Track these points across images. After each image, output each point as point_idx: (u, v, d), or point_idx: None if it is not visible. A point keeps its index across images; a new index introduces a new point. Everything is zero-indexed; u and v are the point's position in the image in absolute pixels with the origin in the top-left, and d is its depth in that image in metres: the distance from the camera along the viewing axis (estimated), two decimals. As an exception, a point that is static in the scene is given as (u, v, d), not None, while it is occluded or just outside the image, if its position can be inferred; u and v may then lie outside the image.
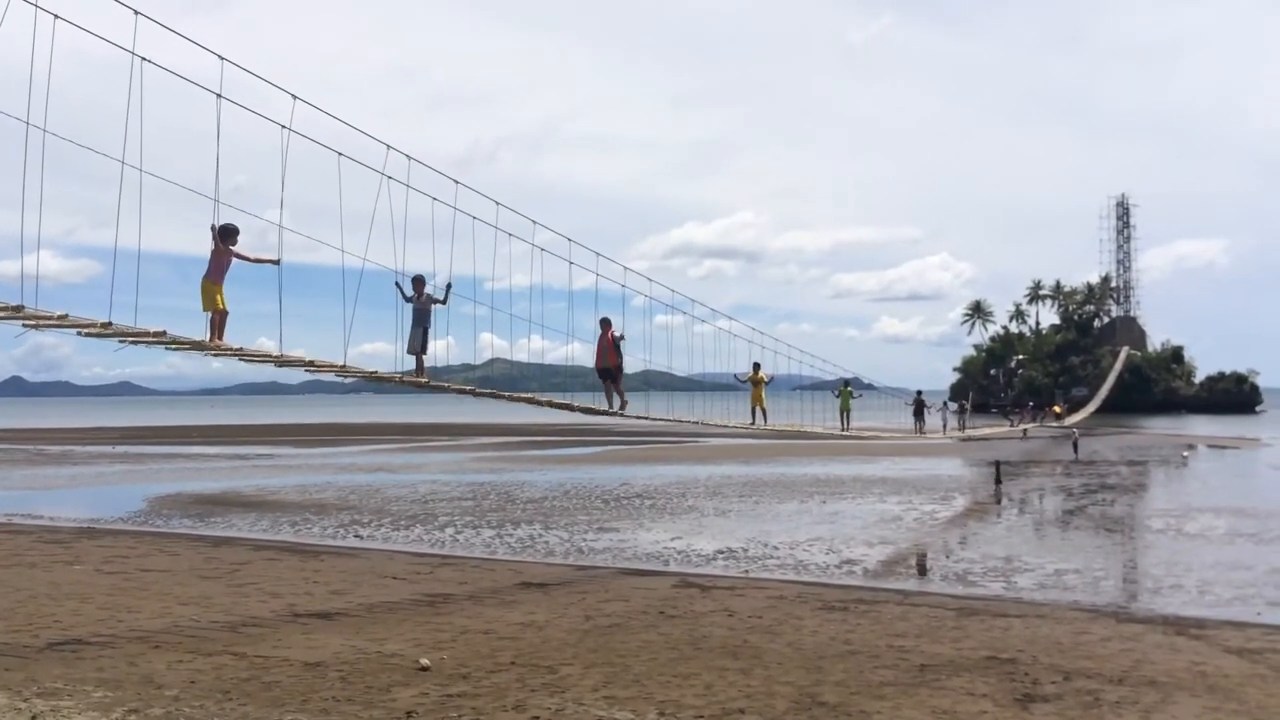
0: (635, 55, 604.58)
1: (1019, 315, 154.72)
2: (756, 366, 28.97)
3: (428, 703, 10.06)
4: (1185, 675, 11.49)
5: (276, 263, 13.35)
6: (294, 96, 12.71)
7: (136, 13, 10.81)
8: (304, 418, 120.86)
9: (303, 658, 11.92)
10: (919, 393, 48.57)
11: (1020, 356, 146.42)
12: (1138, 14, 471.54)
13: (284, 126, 12.63)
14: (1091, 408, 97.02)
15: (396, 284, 16.13)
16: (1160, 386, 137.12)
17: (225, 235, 12.66)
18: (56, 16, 10.22)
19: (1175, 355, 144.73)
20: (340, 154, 13.59)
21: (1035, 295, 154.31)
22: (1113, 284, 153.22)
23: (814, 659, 12.10)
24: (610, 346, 20.67)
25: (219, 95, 11.86)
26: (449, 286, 16.65)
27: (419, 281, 16.49)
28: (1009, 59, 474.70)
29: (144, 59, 11.03)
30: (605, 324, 20.75)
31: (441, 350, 17.35)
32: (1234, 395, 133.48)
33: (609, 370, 20.80)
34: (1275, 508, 29.45)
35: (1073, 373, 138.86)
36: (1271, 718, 9.83)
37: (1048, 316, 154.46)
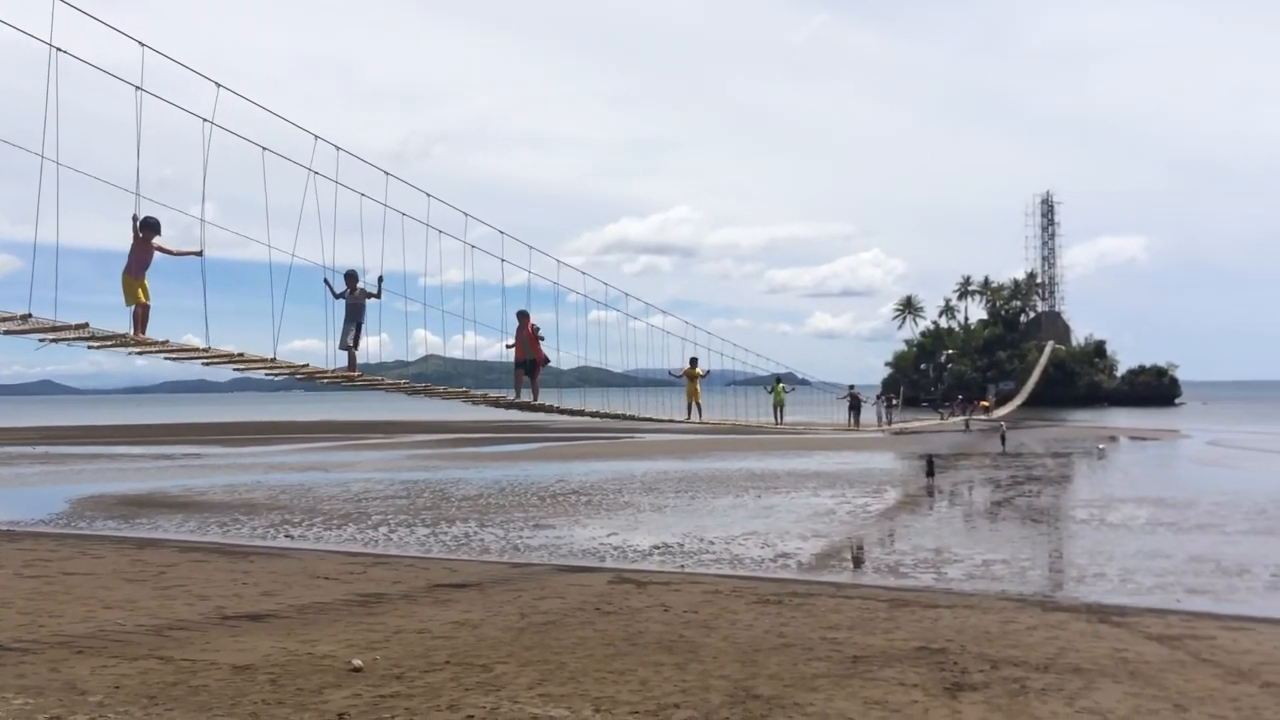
0: (572, 52, 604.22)
1: (949, 311, 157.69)
2: (694, 361, 29.10)
3: (360, 704, 9.94)
4: (1108, 662, 11.78)
5: (199, 254, 13.08)
6: (218, 85, 12.45)
7: (55, -2, 10.49)
8: (233, 416, 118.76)
9: (231, 661, 11.70)
10: (851, 387, 49.20)
11: (950, 351, 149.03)
12: (1063, 18, 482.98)
13: (205, 120, 12.36)
14: (1018, 401, 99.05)
15: (325, 281, 15.87)
16: (1084, 380, 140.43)
17: (148, 228, 12.39)
18: (-31, 4, 9.88)
19: (1098, 349, 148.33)
20: (265, 149, 13.34)
21: (964, 291, 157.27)
22: (1038, 280, 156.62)
23: (749, 652, 12.19)
24: (531, 339, 20.37)
25: (138, 88, 11.56)
26: (380, 280, 16.44)
27: (351, 277, 16.25)
28: (939, 60, 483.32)
29: (59, 49, 10.70)
30: (523, 316, 20.45)
31: (375, 347, 17.14)
32: (1154, 388, 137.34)
33: (528, 363, 20.48)
34: (1194, 497, 30.34)
35: (1000, 367, 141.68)
36: (1190, 703, 10.11)
37: (976, 312, 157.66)
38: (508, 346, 20.54)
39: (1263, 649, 12.53)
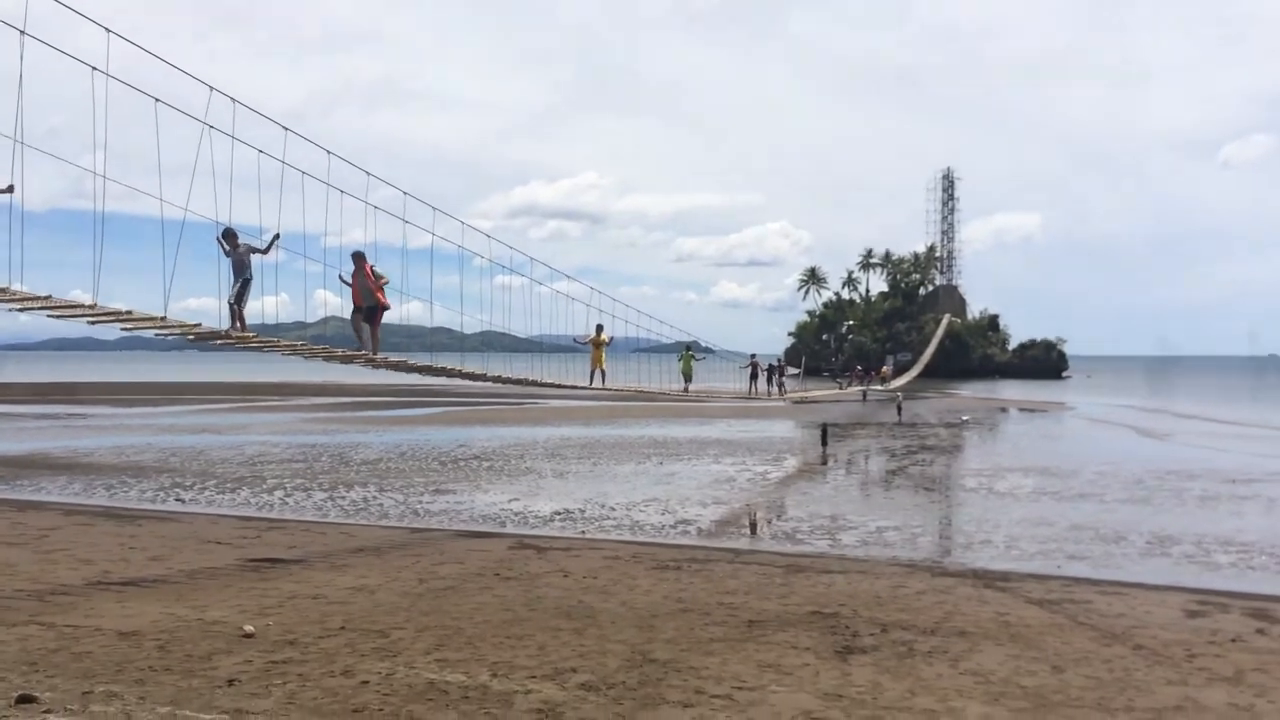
0: (480, 12, 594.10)
1: (851, 282, 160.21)
2: (599, 328, 29.09)
3: (251, 670, 9.76)
4: (991, 625, 12.23)
5: (9, 190, 11.43)
6: (109, 31, 11.93)
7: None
8: (121, 375, 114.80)
9: (117, 627, 11.38)
10: (753, 356, 49.76)
11: (851, 322, 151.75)
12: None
13: (94, 68, 11.82)
14: (914, 372, 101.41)
15: (218, 239, 15.42)
16: (977, 353, 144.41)
17: None
18: None
19: (991, 323, 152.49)
20: (157, 100, 12.84)
21: (867, 263, 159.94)
22: (937, 254, 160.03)
23: (647, 617, 12.32)
24: (370, 284, 18.18)
25: (22, 32, 11.00)
26: (276, 236, 15.99)
27: (229, 235, 15.75)
28: (847, 33, 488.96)
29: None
30: (359, 259, 18.27)
31: (272, 307, 16.68)
32: (1043, 362, 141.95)
33: (367, 310, 18.30)
34: (1076, 467, 31.54)
35: (899, 339, 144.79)
36: (1067, 664, 10.56)
37: (877, 284, 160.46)
38: (341, 278, 18.15)
39: (1135, 613, 13.14)
